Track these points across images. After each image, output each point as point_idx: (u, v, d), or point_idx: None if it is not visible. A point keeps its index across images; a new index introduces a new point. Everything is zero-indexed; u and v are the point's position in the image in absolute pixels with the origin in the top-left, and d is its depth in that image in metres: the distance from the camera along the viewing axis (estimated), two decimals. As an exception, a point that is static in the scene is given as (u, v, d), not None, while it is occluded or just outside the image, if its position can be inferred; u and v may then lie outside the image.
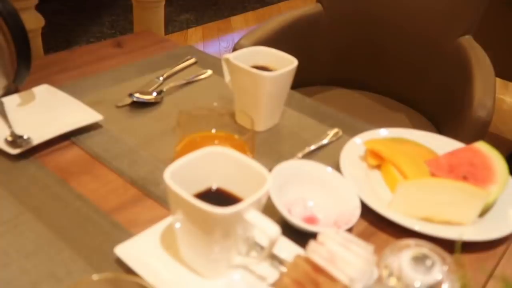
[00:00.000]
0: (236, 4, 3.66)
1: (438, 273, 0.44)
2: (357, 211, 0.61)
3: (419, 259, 0.45)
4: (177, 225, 0.51)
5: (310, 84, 1.39)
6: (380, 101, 1.39)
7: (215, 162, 0.53)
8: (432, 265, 0.45)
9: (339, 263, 0.47)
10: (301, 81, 1.00)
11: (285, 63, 0.78)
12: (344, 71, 1.46)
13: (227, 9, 3.56)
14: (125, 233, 0.57)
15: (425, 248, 0.46)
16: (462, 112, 1.11)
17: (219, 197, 0.53)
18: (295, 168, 0.66)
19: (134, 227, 0.59)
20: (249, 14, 3.56)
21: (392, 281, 0.45)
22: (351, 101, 1.38)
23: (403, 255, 0.45)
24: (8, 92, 0.80)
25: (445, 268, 0.45)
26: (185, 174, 0.51)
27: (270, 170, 0.52)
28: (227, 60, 0.79)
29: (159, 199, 0.64)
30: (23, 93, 0.80)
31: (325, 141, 0.78)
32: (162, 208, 0.63)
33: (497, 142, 0.73)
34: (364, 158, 0.73)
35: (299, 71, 0.80)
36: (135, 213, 0.62)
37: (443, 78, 1.31)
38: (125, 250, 0.53)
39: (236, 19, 3.46)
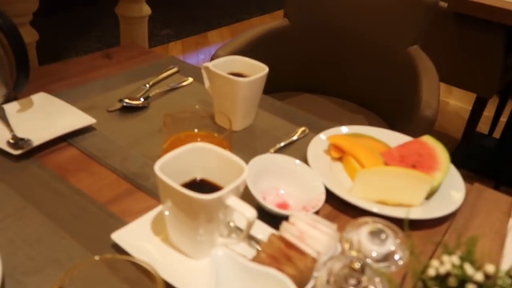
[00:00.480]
0: (212, 20, 3.66)
1: (391, 244, 0.47)
2: (322, 196, 0.63)
3: (375, 234, 0.48)
4: (166, 212, 0.53)
5: (280, 90, 1.41)
6: (341, 105, 1.42)
7: (198, 156, 0.55)
8: (386, 238, 0.47)
9: (308, 240, 0.49)
10: (272, 87, 1.02)
11: (257, 70, 0.80)
12: (310, 78, 1.49)
13: (204, 24, 3.56)
14: (120, 222, 0.58)
15: (380, 224, 0.49)
16: (411, 112, 1.15)
17: (203, 186, 0.55)
18: (268, 161, 0.67)
19: (127, 216, 0.60)
20: (224, 29, 3.57)
21: (353, 253, 0.47)
22: (317, 105, 1.41)
23: (362, 231, 0.48)
24: (8, 99, 0.79)
25: (397, 240, 0.48)
26: (172, 167, 0.52)
27: (246, 163, 0.54)
28: (207, 68, 0.81)
29: (149, 192, 0.65)
30: (22, 101, 0.80)
31: (294, 138, 0.80)
32: (152, 199, 0.64)
33: (444, 139, 0.76)
34: (327, 151, 0.76)
35: (270, 78, 0.81)
36: (128, 204, 0.62)
37: (395, 83, 1.35)
38: (120, 236, 0.54)
39: (213, 34, 3.46)
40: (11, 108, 0.77)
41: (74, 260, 0.53)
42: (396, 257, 0.47)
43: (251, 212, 0.49)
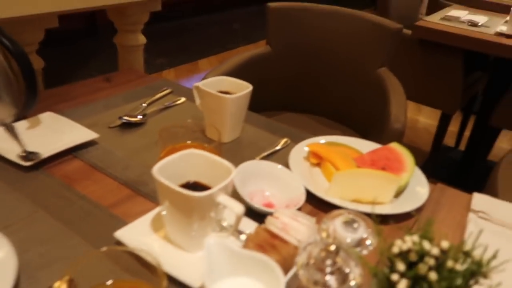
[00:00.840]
0: (203, 49, 3.72)
1: (363, 232, 0.50)
2: (303, 196, 0.66)
3: (349, 223, 0.50)
4: (164, 211, 0.55)
5: (264, 110, 1.44)
6: (320, 121, 1.46)
7: (191, 161, 0.57)
8: (358, 226, 0.50)
9: (290, 231, 0.52)
10: (256, 107, 1.05)
11: (242, 88, 0.83)
12: (291, 98, 1.53)
13: (195, 53, 3.62)
14: (122, 222, 0.60)
15: (352, 215, 0.52)
16: (382, 125, 1.19)
17: (196, 187, 0.56)
18: (254, 167, 0.70)
19: (128, 218, 0.61)
20: (213, 58, 3.63)
21: (329, 240, 0.49)
22: (298, 121, 1.44)
23: (336, 221, 0.50)
24: (17, 119, 0.81)
25: (369, 230, 0.51)
26: (168, 171, 0.54)
27: (234, 166, 0.56)
28: (197, 87, 0.84)
29: (148, 196, 0.67)
30: (30, 119, 0.81)
31: (277, 148, 0.83)
32: (151, 203, 0.65)
33: (414, 152, 0.79)
34: (307, 158, 0.78)
35: (254, 99, 0.84)
36: (128, 207, 0.64)
37: (367, 101, 1.39)
38: (123, 234, 0.55)
39: (203, 62, 3.52)
40: (21, 126, 0.79)
41: (81, 256, 0.54)
42: (368, 242, 0.49)
43: (239, 207, 0.51)
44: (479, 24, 1.89)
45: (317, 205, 0.68)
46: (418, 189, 0.72)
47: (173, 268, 0.51)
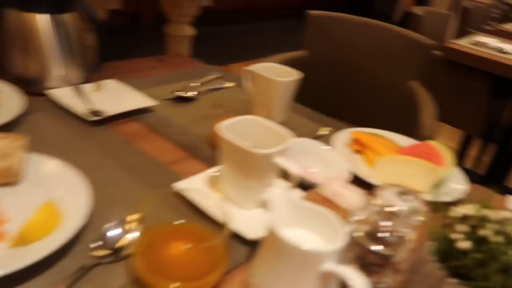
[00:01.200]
0: (235, 55, 3.77)
1: (415, 203, 0.50)
2: (347, 175, 0.66)
3: (402, 194, 0.50)
4: (223, 169, 0.56)
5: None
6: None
7: (251, 126, 0.58)
8: (410, 197, 0.50)
9: (340, 197, 0.52)
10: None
11: (291, 75, 0.84)
12: (321, 102, 1.53)
13: (227, 58, 3.66)
14: (178, 178, 0.60)
15: (403, 188, 0.52)
16: (414, 134, 1.19)
17: (254, 150, 0.58)
18: (301, 144, 0.70)
19: (184, 176, 0.62)
20: (244, 63, 3.66)
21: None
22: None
23: (391, 190, 0.51)
24: (85, 82, 0.84)
25: (418, 202, 0.51)
26: (230, 132, 0.55)
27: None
28: (249, 71, 0.85)
29: (202, 159, 0.68)
30: (95, 83, 0.83)
31: (320, 133, 0.83)
32: (204, 165, 0.66)
33: None
34: (349, 145, 0.79)
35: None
36: (184, 167, 0.65)
37: (399, 110, 1.39)
38: (181, 186, 0.56)
39: (233, 66, 3.56)
40: (88, 88, 0.81)
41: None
42: (418, 212, 0.49)
43: (296, 169, 0.52)
44: (507, 51, 1.88)
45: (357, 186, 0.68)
46: (456, 186, 0.71)
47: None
